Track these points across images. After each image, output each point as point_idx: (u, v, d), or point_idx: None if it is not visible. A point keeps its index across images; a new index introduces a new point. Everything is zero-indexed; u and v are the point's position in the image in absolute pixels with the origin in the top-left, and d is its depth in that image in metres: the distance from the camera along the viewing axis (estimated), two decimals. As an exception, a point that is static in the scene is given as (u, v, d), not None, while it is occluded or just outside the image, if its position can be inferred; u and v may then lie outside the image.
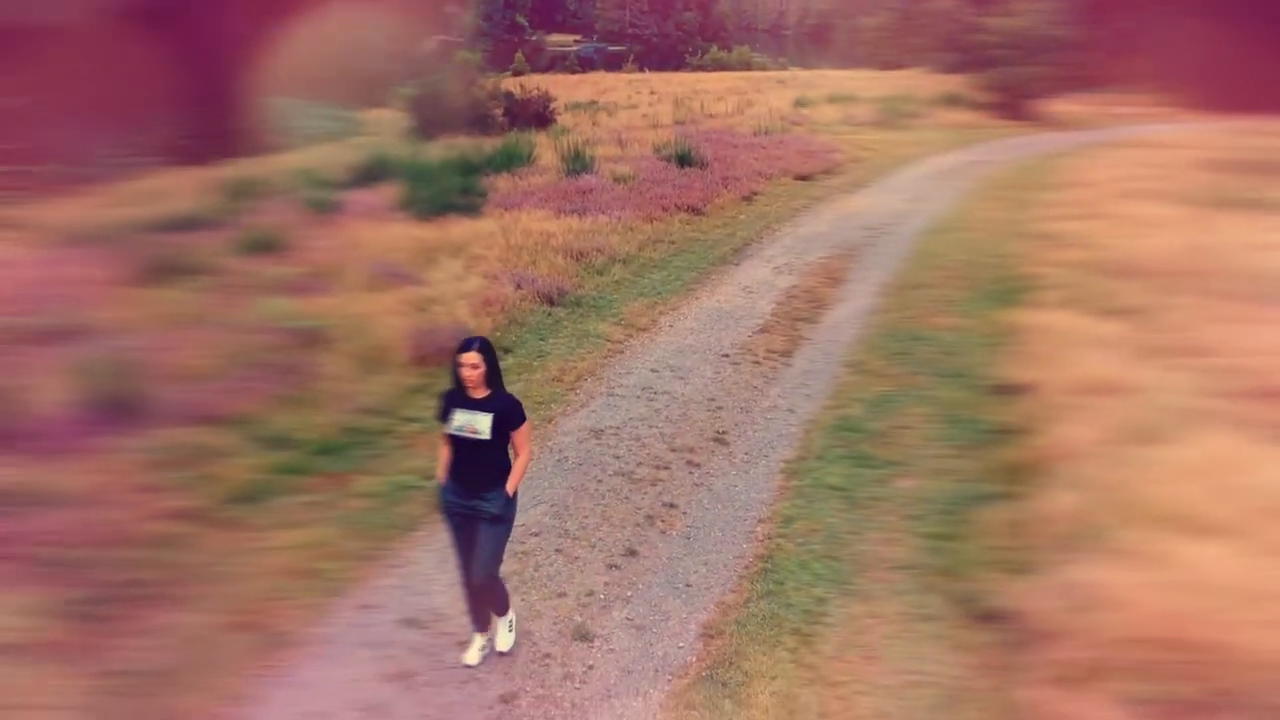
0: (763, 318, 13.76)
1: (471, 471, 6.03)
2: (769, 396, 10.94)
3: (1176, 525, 7.26)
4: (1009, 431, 9.60)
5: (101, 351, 10.13)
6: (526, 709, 5.95)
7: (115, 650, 6.42)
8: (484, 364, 5.97)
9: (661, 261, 16.55)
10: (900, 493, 8.61)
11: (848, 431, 9.89)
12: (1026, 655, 6.18)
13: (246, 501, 8.23)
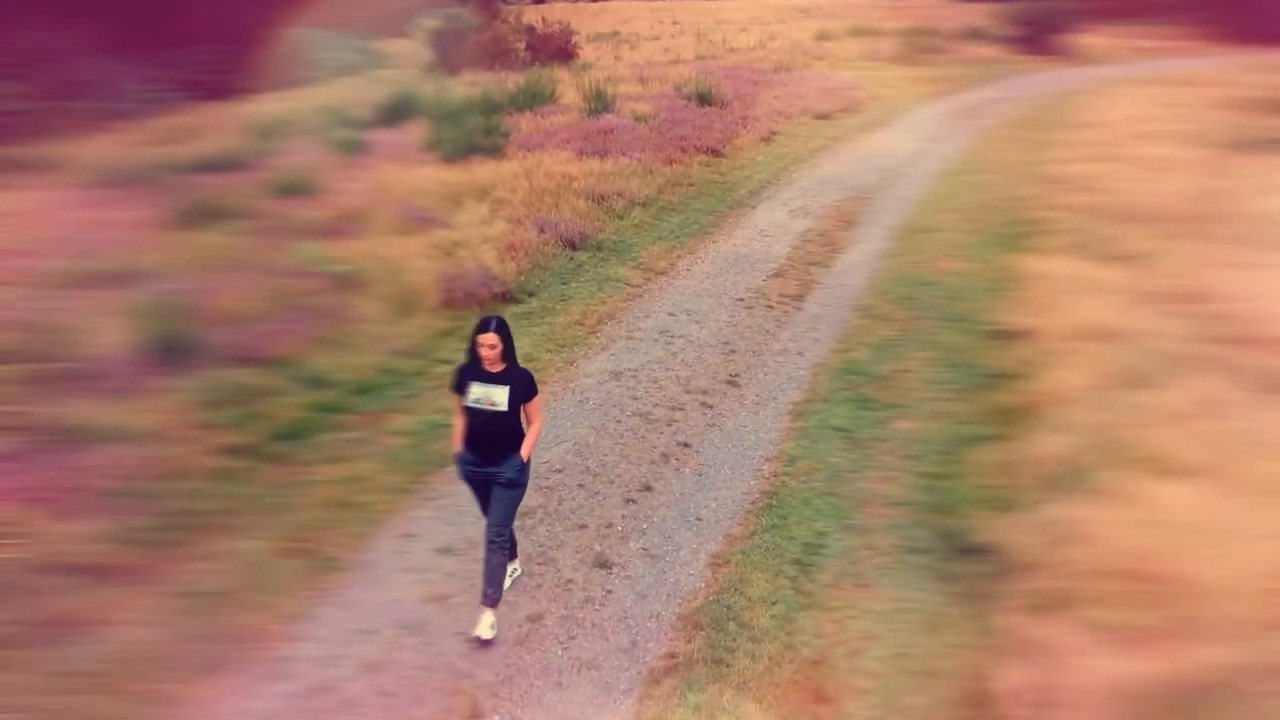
0: (777, 261, 14.26)
1: (489, 441, 6.44)
2: (780, 340, 11.49)
3: (1152, 467, 7.83)
4: (1005, 376, 10.14)
5: (152, 295, 10.77)
6: (551, 628, 6.63)
7: (180, 573, 7.13)
8: (501, 343, 6.35)
9: (680, 205, 17.02)
10: (899, 434, 9.20)
11: (852, 375, 10.46)
12: (1005, 585, 6.79)
13: (292, 438, 8.90)
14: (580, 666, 6.29)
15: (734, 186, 18.49)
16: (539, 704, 5.96)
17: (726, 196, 17.78)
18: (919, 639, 6.46)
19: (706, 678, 6.14)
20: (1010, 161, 20.46)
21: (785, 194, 18.10)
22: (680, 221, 16.14)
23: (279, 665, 6.25)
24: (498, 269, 12.79)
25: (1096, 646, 5.99)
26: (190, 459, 8.36)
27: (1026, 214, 16.08)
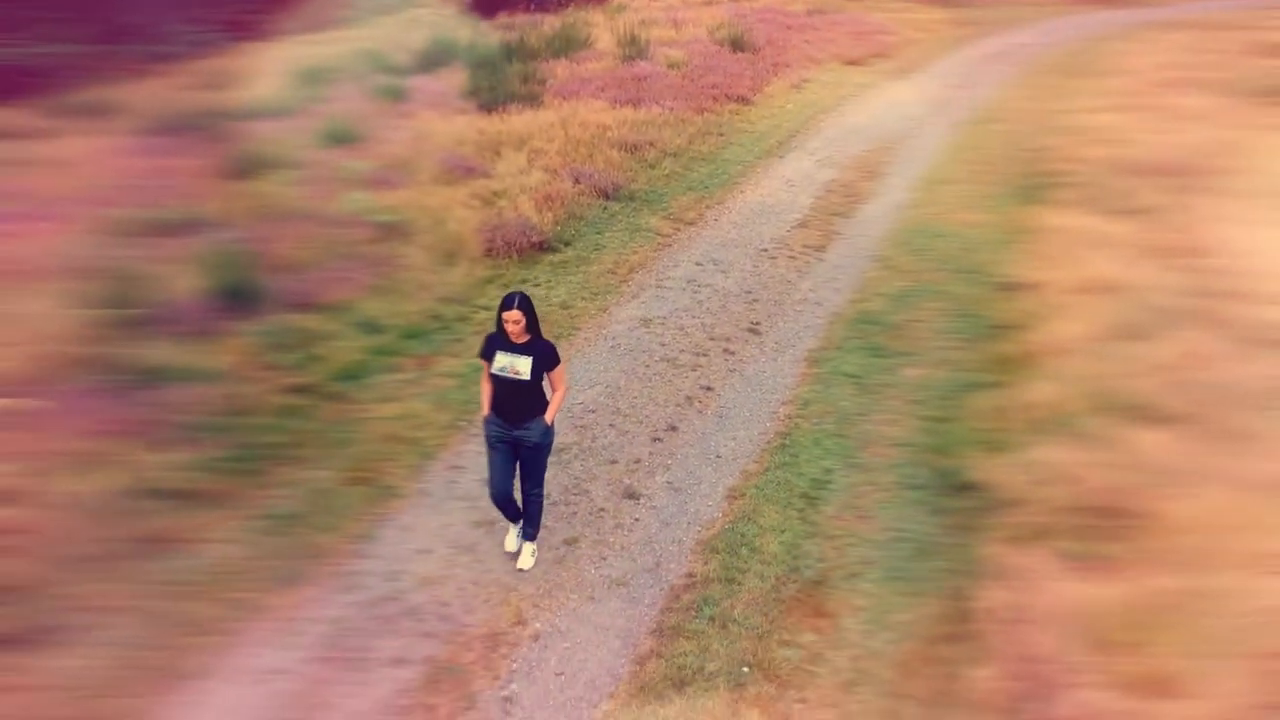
0: (801, 212, 14.94)
1: (514, 406, 6.93)
2: (800, 290, 12.23)
3: (1134, 414, 8.59)
4: (1008, 327, 10.85)
5: (215, 244, 11.62)
6: (585, 550, 7.51)
7: (257, 498, 8.05)
8: (524, 317, 6.77)
9: (710, 155, 17.66)
10: (906, 380, 9.97)
11: (866, 324, 11.21)
12: (990, 519, 7.60)
13: (350, 379, 9.78)
14: (610, 583, 7.17)
15: (763, 136, 19.07)
16: (574, 614, 6.86)
17: (755, 146, 18.38)
18: (910, 564, 7.29)
19: (720, 594, 7.01)
20: (1035, 110, 20.89)
21: (812, 143, 18.68)
22: (710, 171, 16.80)
23: (348, 579, 7.17)
24: (535, 219, 13.55)
25: (1065, 573, 6.80)
26: (259, 397, 9.26)
27: (1045, 166, 16.61)
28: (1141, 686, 5.83)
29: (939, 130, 19.58)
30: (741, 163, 17.36)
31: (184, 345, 9.68)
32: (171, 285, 10.53)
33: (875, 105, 21.87)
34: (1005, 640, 6.28)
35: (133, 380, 9.09)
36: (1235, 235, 12.47)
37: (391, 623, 6.75)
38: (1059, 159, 16.86)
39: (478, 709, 6.06)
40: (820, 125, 20.06)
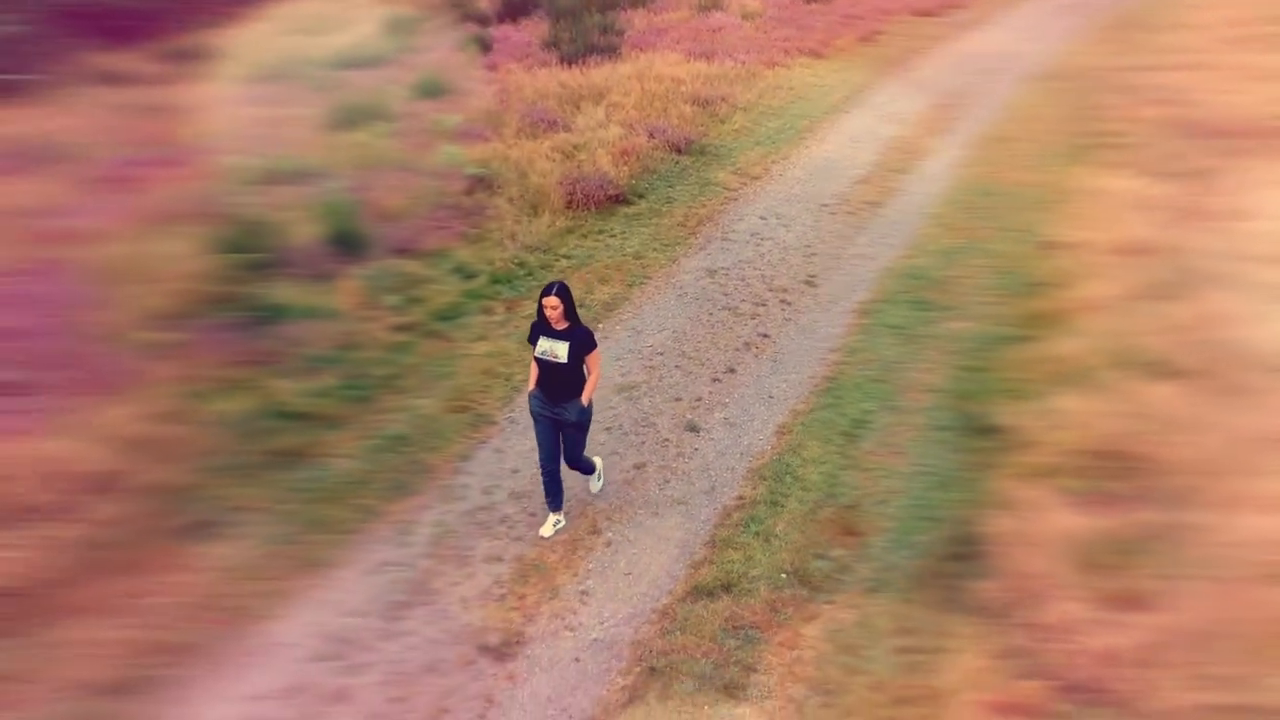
0: (863, 168, 15.85)
1: (553, 386, 7.61)
2: (857, 245, 13.22)
3: (1148, 369, 9.53)
4: (1045, 284, 11.76)
5: (324, 193, 12.90)
6: (651, 474, 8.72)
7: (371, 422, 9.37)
8: (562, 304, 7.37)
9: (779, 109, 18.55)
10: (945, 332, 10.97)
11: (914, 279, 12.19)
12: (1005, 458, 8.65)
13: (447, 319, 11.05)
14: (672, 502, 8.38)
15: (830, 91, 19.89)
16: (640, 526, 8.09)
17: (823, 101, 19.21)
18: (932, 494, 8.39)
19: (765, 514, 8.19)
20: (1099, 66, 21.34)
21: (878, 99, 19.46)
22: (778, 126, 17.71)
23: (451, 491, 8.47)
24: (612, 173, 14.65)
25: (1065, 506, 7.86)
26: (369, 333, 10.58)
27: (1101, 126, 17.24)
28: (1117, 601, 6.91)
29: (1002, 86, 20.21)
30: (809, 117, 18.24)
31: (303, 286, 11.01)
32: (289, 231, 11.84)
33: (942, 59, 22.48)
34: (1005, 560, 7.39)
35: (260, 316, 10.44)
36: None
37: (488, 528, 8.04)
38: (1116, 118, 17.46)
39: (560, 599, 7.34)
40: (887, 80, 20.77)
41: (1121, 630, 6.70)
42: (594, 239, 13.14)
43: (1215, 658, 6.50)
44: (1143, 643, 6.61)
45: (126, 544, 7.69)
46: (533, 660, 6.84)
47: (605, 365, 10.21)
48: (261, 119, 16.22)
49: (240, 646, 6.97)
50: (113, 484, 8.14)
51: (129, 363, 9.44)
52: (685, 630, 7.05)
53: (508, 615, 7.20)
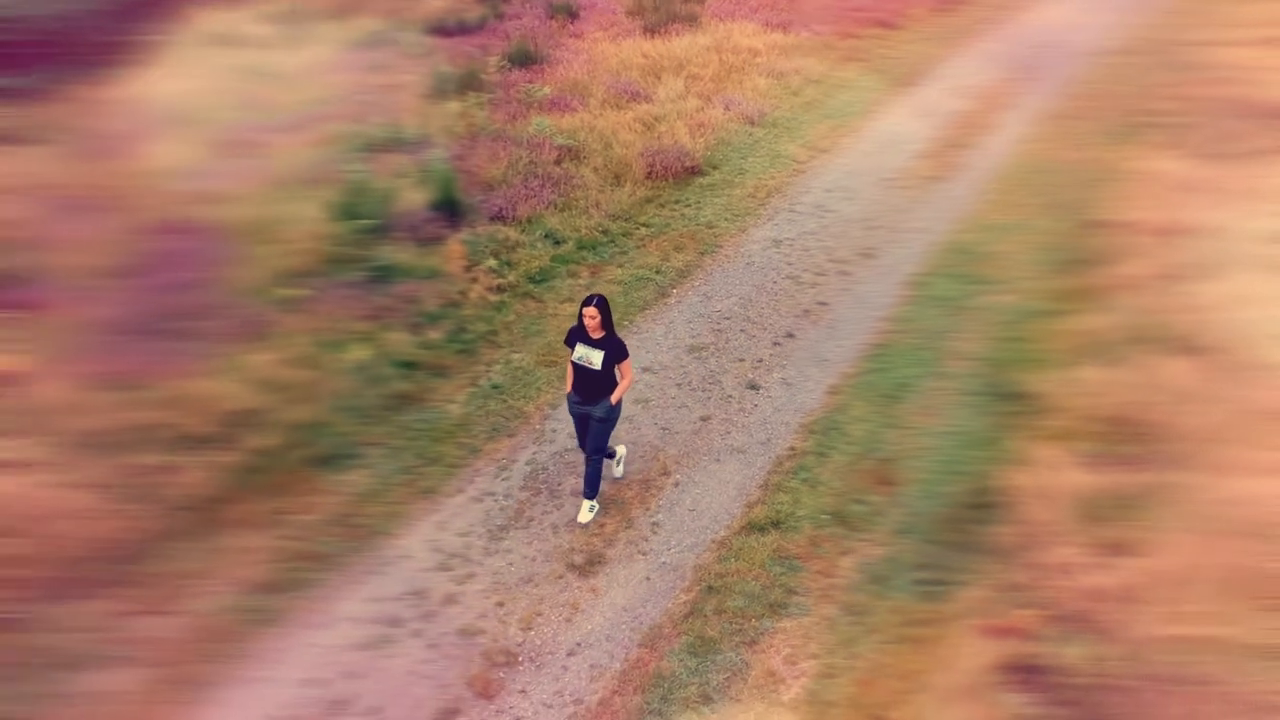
0: (926, 143, 16.81)
1: (587, 388, 8.41)
2: (914, 219, 14.27)
3: (1168, 345, 10.56)
4: (1086, 262, 12.73)
5: (426, 160, 14.26)
6: (715, 426, 10.02)
7: (471, 372, 10.77)
8: (600, 315, 8.13)
9: (850, 82, 19.48)
10: (987, 304, 12.05)
11: (964, 253, 13.24)
12: (1028, 421, 9.80)
13: (538, 282, 12.39)
14: (732, 451, 9.68)
15: (900, 62, 20.72)
16: (704, 470, 9.41)
17: (893, 73, 20.07)
18: (960, 452, 9.58)
19: (813, 464, 9.46)
20: (1165, 41, 21.80)
21: (947, 70, 20.28)
22: (847, 100, 18.67)
23: (542, 434, 9.86)
24: (689, 144, 15.82)
25: (1075, 466, 9.01)
26: (469, 293, 11.95)
27: (1160, 104, 17.91)
28: (1109, 548, 8.08)
29: (1068, 60, 20.86)
30: (878, 90, 19.15)
31: (412, 249, 12.39)
32: (396, 197, 13.22)
33: (1013, 30, 23.11)
34: (1017, 509, 8.59)
35: (376, 276, 11.86)
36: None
37: (574, 467, 9.41)
38: (1174, 97, 18.10)
39: (634, 529, 8.71)
40: (957, 52, 21.53)
41: (1110, 572, 7.89)
42: (671, 208, 14.35)
43: (1190, 598, 7.67)
44: (1127, 583, 7.79)
45: (273, 470, 9.21)
46: (611, 577, 8.23)
47: (679, 327, 11.51)
48: (366, 85, 17.60)
49: (367, 558, 8.45)
50: (258, 419, 9.66)
51: (266, 314, 10.93)
52: (738, 558, 8.38)
53: (590, 540, 8.59)
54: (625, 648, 7.61)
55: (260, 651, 7.58)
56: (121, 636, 7.63)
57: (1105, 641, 7.34)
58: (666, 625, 7.78)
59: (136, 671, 7.38)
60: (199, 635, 7.69)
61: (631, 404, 10.29)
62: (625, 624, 7.80)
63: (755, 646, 7.59)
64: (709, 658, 7.49)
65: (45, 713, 6.99)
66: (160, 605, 7.90)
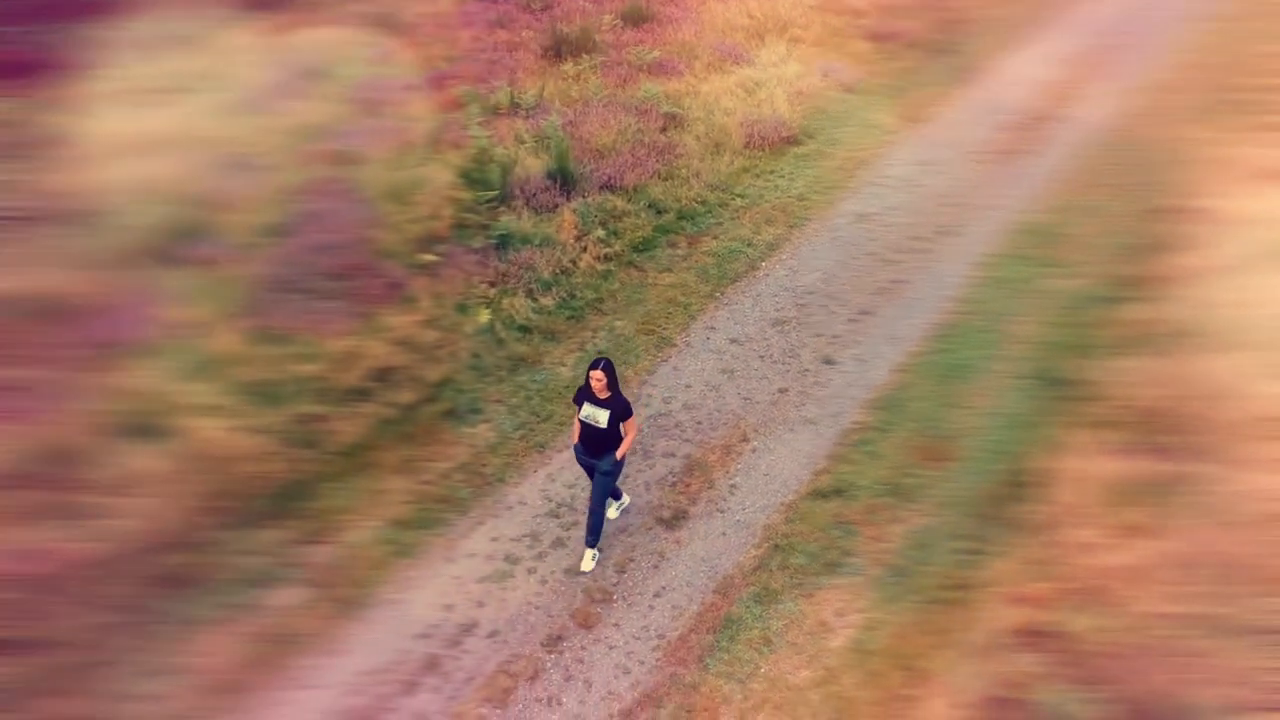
0: (1016, 114, 17.57)
1: (593, 444, 8.98)
2: (993, 196, 15.21)
3: (1213, 340, 11.51)
4: (1152, 249, 13.56)
5: (542, 127, 15.58)
6: (791, 398, 11.36)
7: (579, 337, 12.23)
8: (606, 378, 8.64)
9: (949, 47, 20.13)
10: (1049, 288, 13.06)
11: (1034, 234, 14.19)
12: (1071, 408, 10.94)
13: (641, 251, 13.74)
14: (805, 421, 11.04)
15: (1002, 24, 21.20)
16: (779, 438, 10.79)
17: (994, 37, 20.61)
18: (1006, 433, 10.79)
19: (876, 438, 10.78)
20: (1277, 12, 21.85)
21: (1050, 34, 20.77)
22: (947, 66, 19.38)
23: (637, 398, 11.31)
24: (786, 113, 16.87)
25: (1107, 453, 10.17)
26: (579, 261, 13.36)
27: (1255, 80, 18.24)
28: (1127, 530, 9.30)
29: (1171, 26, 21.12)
30: (974, 55, 19.80)
31: (527, 217, 13.82)
32: (516, 165, 14.61)
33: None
34: (1048, 491, 9.83)
35: (495, 243, 13.31)
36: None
37: (665, 430, 10.88)
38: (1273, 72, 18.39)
39: (714, 490, 10.17)
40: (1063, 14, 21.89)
41: (1125, 553, 9.12)
42: (765, 179, 15.52)
43: (1195, 580, 8.87)
44: (1140, 564, 9.02)
45: (410, 422, 10.85)
46: (692, 531, 9.73)
47: (766, 301, 12.80)
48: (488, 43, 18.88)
49: (489, 503, 10.06)
50: (398, 375, 11.28)
51: (404, 277, 12.49)
52: (803, 520, 9.81)
53: (677, 498, 10.08)
54: (702, 593, 9.12)
55: (400, 579, 9.26)
56: (289, 561, 9.39)
57: (1111, 614, 8.61)
58: (737, 576, 9.26)
59: (301, 591, 9.14)
60: (351, 562, 9.40)
61: (718, 374, 11.67)
62: (703, 572, 9.31)
63: (812, 599, 9.04)
64: (772, 606, 8.96)
65: (235, 620, 8.78)
66: (319, 536, 9.64)
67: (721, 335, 12.29)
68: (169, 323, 11.33)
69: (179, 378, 10.67)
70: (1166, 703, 7.88)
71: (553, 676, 8.40)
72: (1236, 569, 8.95)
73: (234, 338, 11.28)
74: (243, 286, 12.03)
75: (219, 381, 10.76)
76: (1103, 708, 7.85)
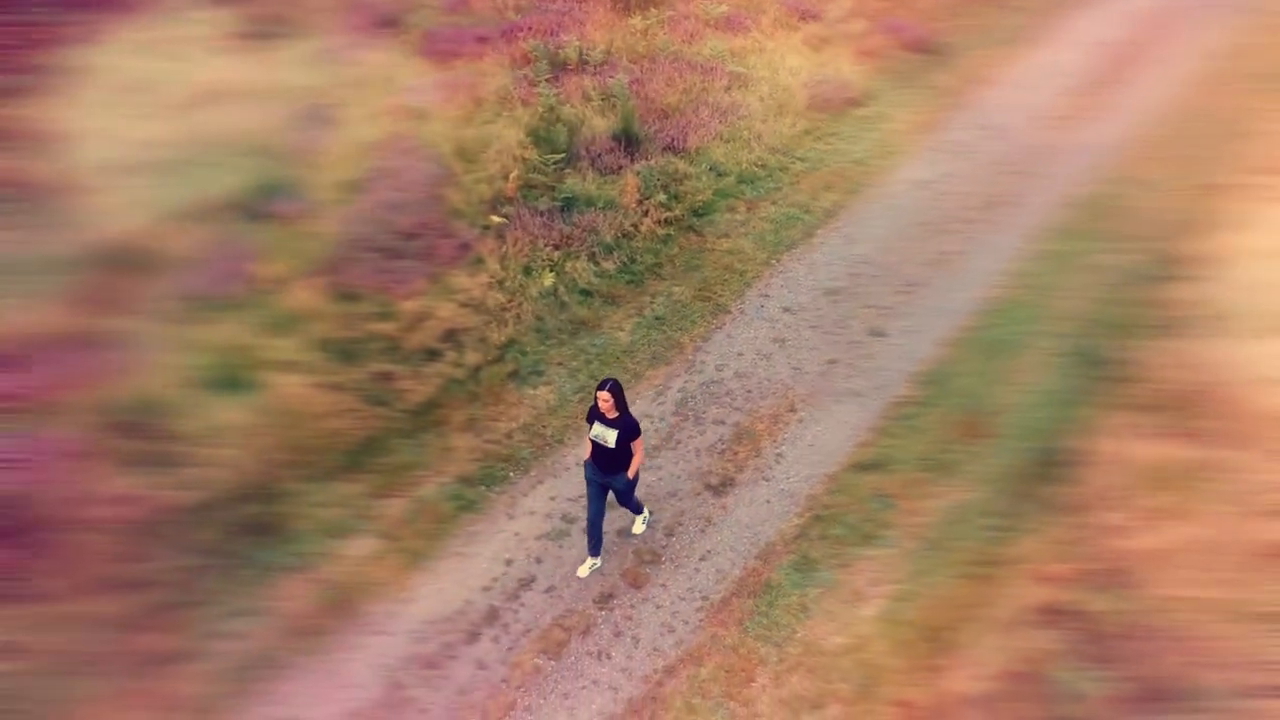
0: (1080, 77, 17.58)
1: (603, 462, 9.13)
2: (1052, 165, 15.37)
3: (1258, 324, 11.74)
4: (1208, 225, 13.68)
5: (608, 85, 15.94)
6: (839, 370, 11.83)
7: (638, 303, 12.76)
8: (613, 399, 8.78)
9: (1019, 3, 20.03)
10: (1098, 263, 13.29)
11: (1088, 207, 14.37)
12: (1110, 388, 11.28)
13: (700, 215, 14.17)
14: (852, 394, 11.53)
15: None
16: (825, 410, 11.30)
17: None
18: (1044, 412, 11.18)
19: (918, 412, 11.24)
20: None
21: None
22: (1016, 24, 19.36)
23: (692, 365, 11.86)
24: (850, 74, 17.04)
25: (1143, 435, 10.55)
26: (641, 226, 13.82)
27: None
28: (1153, 514, 9.72)
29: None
30: (1045, 13, 19.71)
31: (592, 179, 14.27)
32: (582, 125, 15.04)
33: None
34: (1082, 471, 10.25)
35: (558, 204, 13.80)
36: None
37: (716, 397, 11.43)
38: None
39: (761, 457, 10.73)
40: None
41: (1149, 536, 9.56)
42: (826, 142, 15.81)
43: (1217, 565, 9.30)
44: (1164, 547, 9.46)
45: (476, 382, 11.50)
46: (738, 498, 10.33)
47: (820, 269, 13.21)
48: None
49: (548, 463, 10.72)
50: (466, 336, 11.91)
51: (471, 237, 13.06)
52: (844, 492, 10.35)
53: (725, 465, 10.67)
54: (744, 558, 9.75)
55: (465, 533, 9.98)
56: (363, 513, 10.15)
57: (1131, 596, 9.09)
58: (779, 543, 9.86)
59: (373, 541, 9.90)
60: (420, 516, 10.13)
61: (770, 342, 12.15)
62: (746, 538, 9.92)
63: (848, 569, 9.62)
64: (810, 574, 9.57)
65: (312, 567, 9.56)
66: (391, 490, 10.38)
67: (775, 303, 12.74)
68: (253, 277, 12.06)
69: (262, 333, 11.42)
70: (1177, 684, 8.39)
71: (603, 632, 9.10)
72: (1259, 557, 9.36)
73: (312, 294, 11.97)
74: (320, 243, 12.69)
75: (298, 337, 11.48)
76: (1115, 686, 8.38)
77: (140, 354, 10.85)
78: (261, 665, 8.74)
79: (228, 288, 11.89)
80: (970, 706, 8.42)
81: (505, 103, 15.53)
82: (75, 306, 11.20)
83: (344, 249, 12.61)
